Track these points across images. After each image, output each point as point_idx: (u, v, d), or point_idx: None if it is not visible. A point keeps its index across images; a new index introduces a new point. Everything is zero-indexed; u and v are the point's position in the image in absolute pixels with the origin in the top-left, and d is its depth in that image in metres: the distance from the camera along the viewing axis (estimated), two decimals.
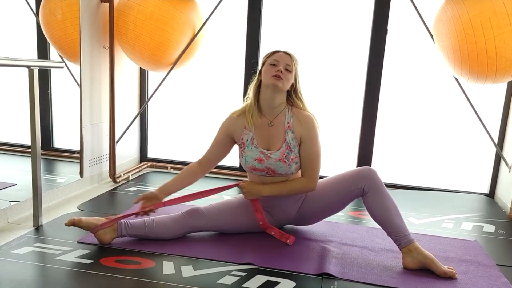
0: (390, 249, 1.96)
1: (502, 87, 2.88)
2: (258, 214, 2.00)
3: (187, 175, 2.04)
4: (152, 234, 1.93)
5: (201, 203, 2.11)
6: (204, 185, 2.18)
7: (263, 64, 1.98)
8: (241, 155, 2.01)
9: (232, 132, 2.02)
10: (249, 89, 2.02)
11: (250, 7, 3.04)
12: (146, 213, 1.91)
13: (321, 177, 2.08)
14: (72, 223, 1.86)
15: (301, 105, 2.00)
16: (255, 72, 2.04)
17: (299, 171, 2.01)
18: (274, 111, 1.98)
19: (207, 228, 2.03)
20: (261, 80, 1.96)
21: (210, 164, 2.06)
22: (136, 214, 1.92)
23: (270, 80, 1.90)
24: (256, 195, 1.96)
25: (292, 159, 1.94)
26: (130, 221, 1.94)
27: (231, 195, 2.66)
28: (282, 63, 1.92)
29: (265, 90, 1.95)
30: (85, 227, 1.86)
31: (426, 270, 1.77)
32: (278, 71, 1.89)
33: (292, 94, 2.00)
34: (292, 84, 1.97)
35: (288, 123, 1.96)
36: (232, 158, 3.18)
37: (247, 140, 1.98)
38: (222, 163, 3.20)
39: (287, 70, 1.92)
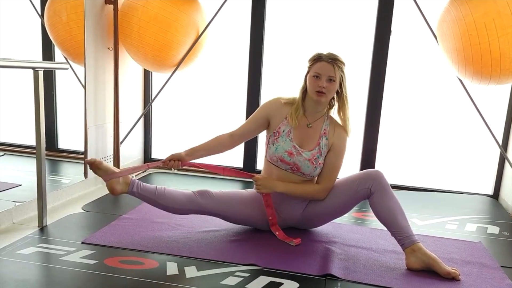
0: (394, 250, 1.95)
1: (506, 88, 2.87)
2: (269, 209, 2.02)
3: (216, 145, 2.06)
4: (160, 201, 1.96)
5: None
6: (207, 186, 2.18)
7: (308, 70, 1.99)
8: (272, 143, 2.02)
9: (272, 117, 2.04)
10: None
11: (254, 8, 3.05)
12: (169, 166, 1.97)
13: None
14: (93, 162, 1.89)
15: (341, 115, 2.03)
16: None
17: (316, 177, 2.05)
18: (315, 115, 2.04)
19: (214, 210, 2.02)
20: (306, 86, 1.99)
21: (241, 138, 2.10)
22: (162, 164, 1.97)
23: (313, 96, 1.95)
24: (270, 189, 1.98)
25: (319, 163, 2.00)
26: (143, 183, 1.98)
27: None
28: (325, 75, 1.92)
29: (309, 98, 1.99)
30: (103, 170, 1.90)
31: (429, 271, 1.77)
32: (320, 87, 1.91)
33: (336, 98, 2.03)
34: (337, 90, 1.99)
35: (324, 129, 2.03)
36: (233, 160, 3.22)
37: (283, 131, 2.01)
38: (226, 163, 3.21)
39: (330, 81, 1.92)
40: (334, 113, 2.07)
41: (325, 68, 1.92)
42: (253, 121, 2.08)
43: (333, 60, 1.92)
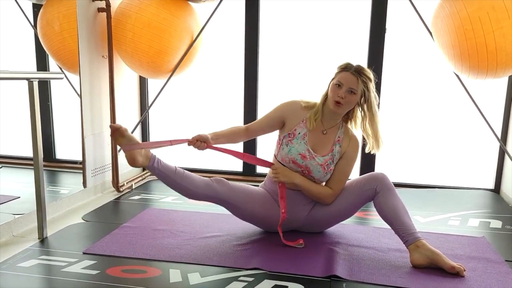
0: (398, 249, 1.94)
1: (503, 81, 2.87)
2: (282, 202, 2.01)
3: (234, 134, 2.09)
4: (179, 180, 1.96)
5: (204, 208, 2.10)
6: None
7: (334, 77, 1.99)
8: (286, 144, 2.02)
9: (288, 117, 2.05)
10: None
11: (248, 11, 3.04)
12: (195, 146, 1.96)
13: None
14: (118, 128, 1.88)
15: (362, 119, 2.02)
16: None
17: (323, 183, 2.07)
18: (331, 123, 2.05)
19: (227, 198, 2.01)
20: (327, 92, 2.00)
21: (255, 133, 2.13)
22: (188, 142, 1.97)
23: (331, 104, 1.95)
24: (288, 179, 1.98)
25: (330, 169, 2.02)
26: (164, 160, 1.99)
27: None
28: (346, 86, 1.92)
29: (328, 106, 1.99)
30: (127, 138, 1.90)
31: (434, 268, 1.76)
32: (339, 96, 1.91)
33: (361, 112, 2.03)
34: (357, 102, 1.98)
35: (339, 137, 2.04)
36: (235, 163, 3.21)
37: (299, 133, 2.01)
38: (225, 168, 3.20)
39: (351, 92, 1.92)
40: (355, 126, 2.07)
41: (348, 79, 1.92)
42: (268, 119, 2.09)
43: (358, 73, 1.92)
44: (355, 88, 1.92)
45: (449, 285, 1.65)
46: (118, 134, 1.90)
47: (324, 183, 2.07)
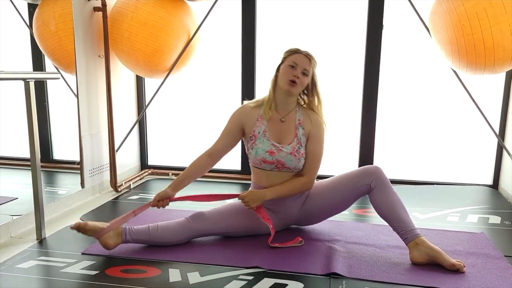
0: (397, 246, 1.94)
1: (501, 77, 2.87)
2: (268, 221, 1.96)
3: (197, 169, 2.05)
4: (157, 239, 1.92)
5: (204, 207, 2.09)
6: (207, 190, 2.16)
7: (282, 61, 2.00)
8: (251, 147, 2.01)
9: (245, 123, 2.04)
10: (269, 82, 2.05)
11: (244, 9, 3.04)
12: (158, 206, 1.95)
13: (325, 177, 2.10)
14: (78, 227, 1.84)
15: (316, 103, 2.03)
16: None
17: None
18: (287, 108, 2.03)
19: (212, 231, 2.01)
20: (277, 76, 2.00)
21: (220, 154, 2.06)
22: (151, 206, 1.96)
23: (285, 85, 1.94)
24: (259, 200, 1.94)
25: (301, 153, 1.98)
26: (134, 226, 1.93)
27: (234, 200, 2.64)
28: (301, 67, 1.94)
29: (279, 90, 1.99)
30: (90, 231, 1.84)
31: (434, 265, 1.76)
32: (295, 76, 1.92)
33: (304, 93, 2.05)
34: (308, 85, 2.00)
35: (299, 119, 2.02)
36: (234, 161, 3.20)
37: (259, 133, 2.00)
38: (224, 167, 3.19)
39: (303, 74, 1.94)
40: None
41: (302, 61, 1.95)
42: (227, 134, 2.05)
43: (310, 56, 1.97)
44: (308, 69, 1.95)
45: (449, 281, 1.65)
46: (81, 230, 1.84)
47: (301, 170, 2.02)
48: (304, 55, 1.96)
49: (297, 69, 1.93)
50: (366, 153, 3.07)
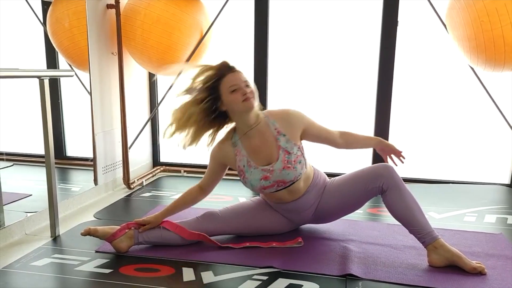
0: (413, 246, 1.91)
1: None
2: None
3: (188, 200, 2.01)
4: (169, 240, 1.91)
5: (216, 206, 2.08)
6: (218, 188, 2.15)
7: (215, 96, 1.82)
8: (245, 182, 1.94)
9: (225, 161, 1.96)
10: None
11: (257, 6, 3.01)
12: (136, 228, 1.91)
13: (337, 175, 2.07)
14: (88, 233, 1.84)
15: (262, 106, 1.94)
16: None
17: (305, 169, 1.93)
18: (257, 128, 1.89)
19: (224, 231, 2.00)
20: (227, 110, 1.85)
21: (210, 187, 2.03)
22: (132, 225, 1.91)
23: (243, 107, 1.80)
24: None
25: (294, 161, 1.86)
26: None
27: (246, 197, 2.62)
28: (239, 83, 1.80)
29: (240, 115, 1.85)
30: (101, 236, 1.85)
31: (453, 266, 1.71)
32: (244, 95, 1.78)
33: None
34: None
35: (275, 129, 1.89)
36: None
37: (244, 165, 1.90)
38: None
39: (247, 86, 1.82)
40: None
41: (236, 78, 1.81)
42: (212, 172, 1.99)
43: (232, 68, 1.83)
44: (244, 79, 1.82)
45: (469, 283, 1.61)
46: (93, 236, 1.84)
47: (309, 171, 1.96)
48: (232, 72, 1.82)
49: (239, 87, 1.79)
50: None
